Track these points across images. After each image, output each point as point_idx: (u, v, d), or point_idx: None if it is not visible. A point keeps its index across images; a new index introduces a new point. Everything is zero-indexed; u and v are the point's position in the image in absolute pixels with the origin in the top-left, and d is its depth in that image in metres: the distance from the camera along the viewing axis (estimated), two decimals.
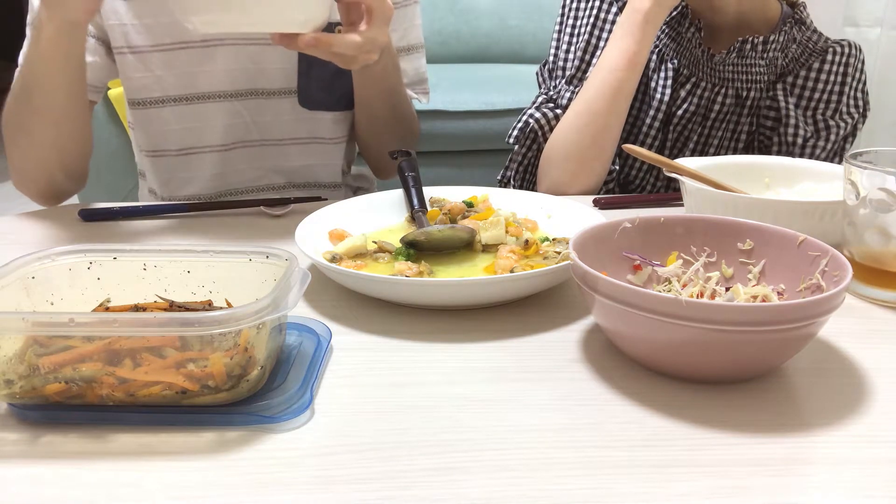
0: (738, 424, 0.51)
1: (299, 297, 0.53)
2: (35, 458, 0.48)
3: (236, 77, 1.05)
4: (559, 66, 1.14)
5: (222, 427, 0.50)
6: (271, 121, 1.09)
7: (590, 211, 0.83)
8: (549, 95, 1.13)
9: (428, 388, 0.56)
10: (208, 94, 1.06)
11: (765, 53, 1.05)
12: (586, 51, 1.11)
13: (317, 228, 0.79)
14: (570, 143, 1.03)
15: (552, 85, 1.15)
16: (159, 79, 1.04)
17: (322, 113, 1.11)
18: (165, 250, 0.60)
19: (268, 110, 1.08)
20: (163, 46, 1.03)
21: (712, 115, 1.09)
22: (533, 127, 1.10)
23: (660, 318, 0.51)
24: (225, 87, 1.06)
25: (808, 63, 1.07)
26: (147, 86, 1.04)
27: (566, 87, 1.11)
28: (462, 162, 2.31)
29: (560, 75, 1.13)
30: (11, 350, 0.50)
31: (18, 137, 0.96)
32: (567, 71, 1.12)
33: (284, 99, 1.08)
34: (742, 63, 1.06)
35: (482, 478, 0.46)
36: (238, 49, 1.04)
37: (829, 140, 1.07)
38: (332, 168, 1.16)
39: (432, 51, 2.61)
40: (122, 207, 0.94)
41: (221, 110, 1.07)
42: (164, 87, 1.04)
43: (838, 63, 1.07)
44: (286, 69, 1.07)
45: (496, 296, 0.67)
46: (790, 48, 1.07)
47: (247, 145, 1.10)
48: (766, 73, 1.07)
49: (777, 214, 0.74)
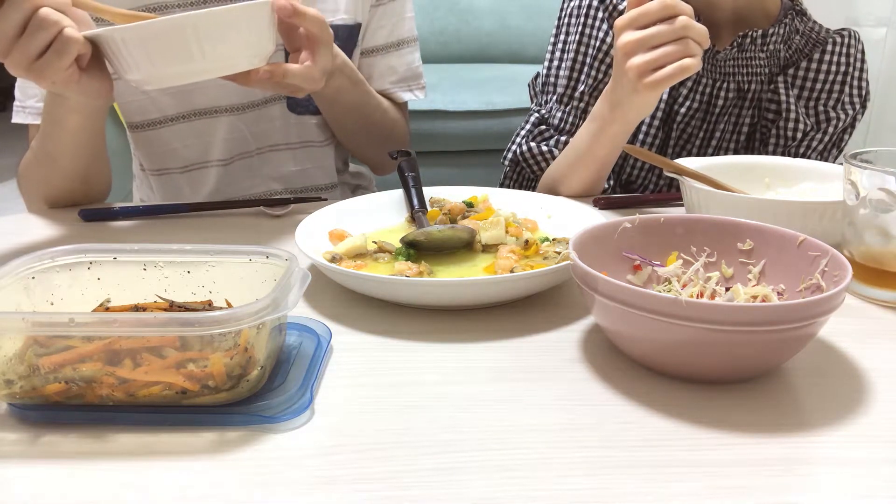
0: (738, 424, 0.51)
1: (299, 297, 0.53)
2: (35, 458, 0.48)
3: (231, 91, 1.05)
4: (550, 82, 1.14)
5: (222, 427, 0.50)
6: (266, 129, 1.10)
7: (590, 211, 0.83)
8: (540, 115, 1.13)
9: (428, 388, 0.56)
10: (206, 111, 1.06)
11: (765, 46, 1.05)
12: (573, 69, 1.11)
13: (317, 228, 0.79)
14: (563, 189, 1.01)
15: (543, 100, 1.15)
16: (155, 100, 1.04)
17: (308, 117, 1.11)
18: (165, 250, 0.60)
19: (261, 119, 1.09)
20: None
21: (716, 110, 1.08)
22: (523, 162, 1.11)
23: (660, 318, 0.51)
24: (221, 102, 1.06)
25: (810, 54, 1.07)
26: (144, 108, 1.05)
27: (557, 106, 1.12)
28: (462, 162, 2.31)
29: (551, 91, 1.14)
30: (11, 350, 0.50)
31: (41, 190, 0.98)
32: (557, 88, 1.13)
33: (274, 106, 1.09)
34: (742, 57, 1.06)
35: (482, 478, 0.46)
36: None
37: (826, 133, 1.07)
38: (326, 170, 1.16)
39: (432, 51, 2.62)
40: (122, 207, 0.94)
41: (220, 125, 1.07)
42: (161, 108, 1.05)
43: (839, 53, 1.07)
44: None
45: (496, 296, 0.67)
46: (793, 39, 1.07)
47: (244, 156, 1.10)
48: (766, 65, 1.07)
49: (777, 214, 0.74)
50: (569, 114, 1.10)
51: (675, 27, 0.79)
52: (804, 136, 1.07)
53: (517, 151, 1.11)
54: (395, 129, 1.13)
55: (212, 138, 1.07)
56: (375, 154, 1.14)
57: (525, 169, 1.12)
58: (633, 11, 0.81)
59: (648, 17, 0.80)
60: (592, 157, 0.95)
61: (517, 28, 2.70)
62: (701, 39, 0.80)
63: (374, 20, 1.11)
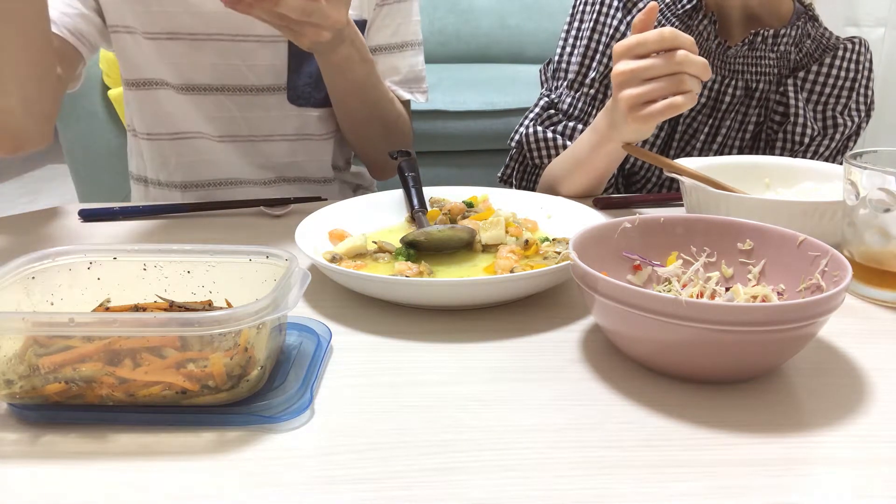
0: (738, 424, 0.51)
1: (299, 297, 0.53)
2: (35, 458, 0.48)
3: (223, 72, 1.06)
4: (562, 69, 1.14)
5: (222, 427, 0.50)
6: (260, 116, 1.10)
7: (590, 211, 0.83)
8: (550, 99, 1.13)
9: (428, 388, 0.56)
10: (195, 86, 1.06)
11: (776, 46, 1.05)
12: (585, 55, 1.11)
13: (317, 228, 0.79)
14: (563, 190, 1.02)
15: (554, 86, 1.15)
16: (152, 63, 1.05)
17: (309, 109, 1.11)
18: (165, 250, 0.60)
19: (256, 106, 1.09)
20: (152, 35, 1.04)
21: (722, 106, 1.08)
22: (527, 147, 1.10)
23: (660, 318, 0.51)
24: (210, 81, 1.06)
25: (820, 59, 1.07)
26: (142, 65, 1.06)
27: (567, 91, 1.12)
28: (462, 162, 2.31)
29: (562, 77, 1.14)
30: (11, 350, 0.50)
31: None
32: (569, 74, 1.12)
33: (272, 95, 1.09)
34: (752, 55, 1.06)
35: (482, 478, 0.46)
36: (226, 45, 1.05)
37: (833, 139, 1.07)
38: (321, 164, 1.16)
39: (432, 51, 2.62)
40: (122, 207, 0.94)
41: (208, 102, 1.07)
42: (158, 72, 1.06)
43: (849, 59, 1.07)
44: (276, 66, 1.08)
45: (496, 296, 0.67)
46: (805, 43, 1.07)
47: (236, 140, 1.10)
48: (776, 65, 1.07)
49: (777, 214, 0.74)
50: (578, 99, 1.10)
51: (670, 61, 0.78)
52: (811, 142, 1.07)
53: (524, 133, 1.11)
54: (399, 122, 1.12)
55: (200, 113, 1.08)
56: (378, 149, 1.13)
57: (528, 156, 1.11)
58: (631, 39, 0.81)
59: (645, 48, 0.79)
60: (591, 167, 0.96)
61: (517, 28, 2.70)
62: (700, 73, 0.79)
63: (378, 19, 1.11)
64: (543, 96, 1.15)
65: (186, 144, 1.10)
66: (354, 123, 1.11)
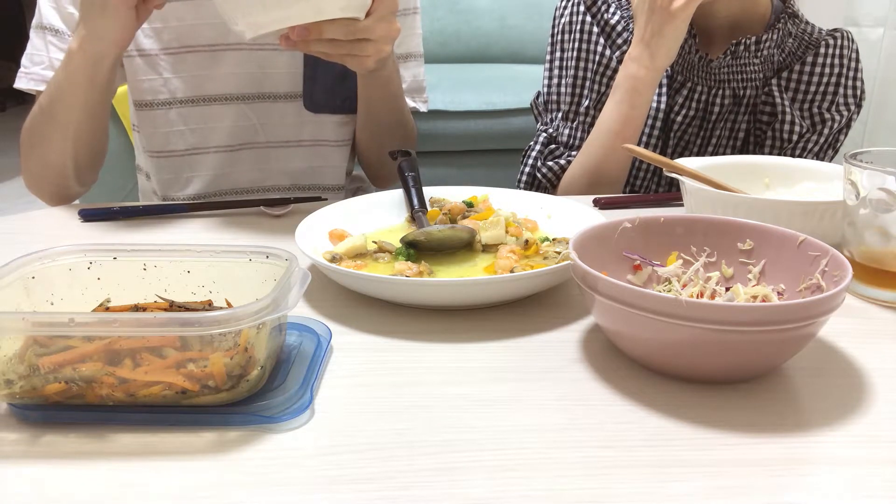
0: (738, 424, 0.51)
1: (299, 297, 0.53)
2: (35, 458, 0.48)
3: (242, 81, 1.07)
4: (552, 100, 1.16)
5: (222, 427, 0.50)
6: (277, 123, 1.10)
7: (590, 211, 0.83)
8: (549, 134, 1.15)
9: (428, 388, 0.56)
10: (215, 97, 1.07)
11: (758, 53, 1.05)
12: (576, 85, 1.13)
13: (317, 228, 0.79)
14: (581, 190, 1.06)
15: (549, 119, 1.16)
16: (167, 81, 1.06)
17: (326, 116, 1.11)
18: (165, 250, 0.60)
19: (273, 113, 1.10)
20: (171, 50, 1.04)
21: (712, 116, 1.09)
22: (542, 182, 1.13)
23: (660, 318, 0.51)
24: (231, 91, 1.07)
25: (803, 56, 1.07)
26: (155, 88, 1.06)
27: (563, 123, 1.13)
28: (462, 162, 2.31)
29: (555, 109, 1.15)
30: (11, 350, 0.50)
31: (38, 146, 0.99)
32: (561, 105, 1.14)
33: (290, 102, 1.10)
34: (736, 64, 1.06)
35: (482, 478, 0.46)
36: (244, 54, 1.06)
37: (822, 134, 1.08)
38: (336, 170, 1.17)
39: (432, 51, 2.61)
40: (122, 207, 0.94)
41: (228, 113, 1.08)
42: (172, 90, 1.06)
43: (832, 55, 1.07)
44: (292, 73, 1.08)
45: (496, 296, 0.67)
46: (786, 42, 1.07)
47: (253, 147, 1.11)
48: (761, 70, 1.07)
49: (777, 214, 0.74)
50: (576, 129, 1.13)
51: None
52: (800, 138, 1.07)
53: (533, 174, 1.14)
54: (411, 131, 1.15)
55: (218, 124, 1.08)
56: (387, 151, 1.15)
57: (542, 188, 1.14)
58: None
59: None
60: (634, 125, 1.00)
61: (517, 28, 2.70)
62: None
63: None
64: (541, 132, 1.16)
65: (200, 159, 1.10)
66: (379, 129, 1.12)
